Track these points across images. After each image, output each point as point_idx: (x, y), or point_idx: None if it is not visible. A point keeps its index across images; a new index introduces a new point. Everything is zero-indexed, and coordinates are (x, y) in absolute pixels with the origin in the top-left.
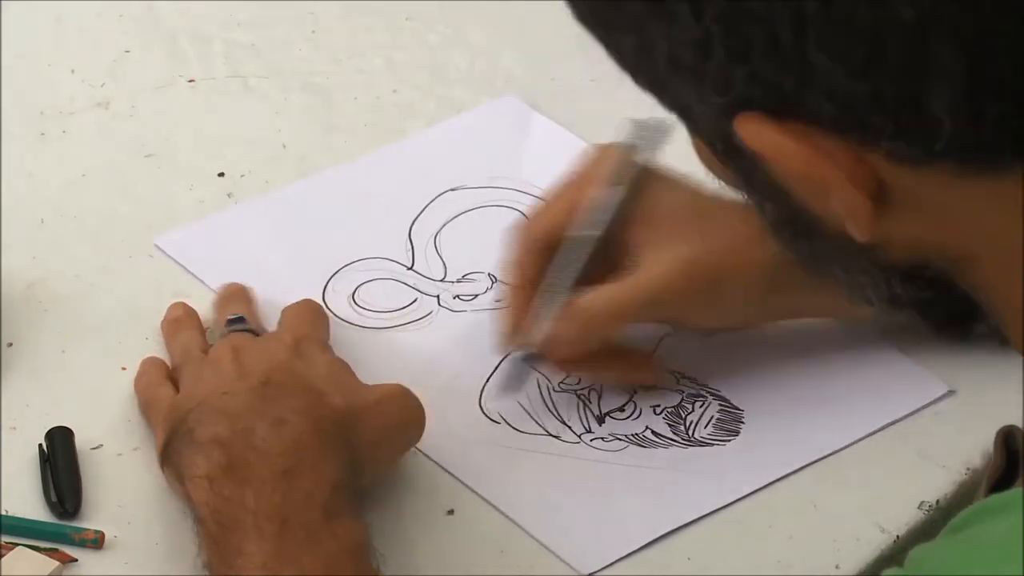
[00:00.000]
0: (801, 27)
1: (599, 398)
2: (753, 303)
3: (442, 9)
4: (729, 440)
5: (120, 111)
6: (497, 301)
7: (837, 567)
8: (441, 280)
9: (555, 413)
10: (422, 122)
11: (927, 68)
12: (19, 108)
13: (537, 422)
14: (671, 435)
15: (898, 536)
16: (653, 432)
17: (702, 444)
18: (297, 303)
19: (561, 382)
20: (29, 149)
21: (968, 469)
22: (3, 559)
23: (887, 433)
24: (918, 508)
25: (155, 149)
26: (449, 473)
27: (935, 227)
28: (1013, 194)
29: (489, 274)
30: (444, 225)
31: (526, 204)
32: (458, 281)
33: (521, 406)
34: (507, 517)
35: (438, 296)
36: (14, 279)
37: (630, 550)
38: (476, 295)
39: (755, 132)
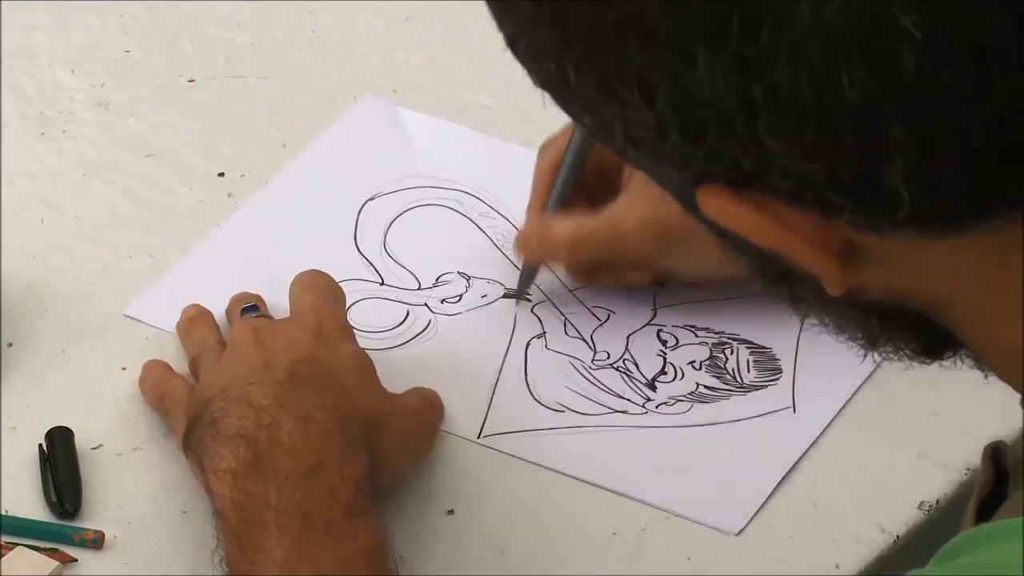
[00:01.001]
0: (751, 112)
1: (636, 367)
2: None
3: (442, 9)
4: (777, 379)
5: (120, 111)
6: (484, 296)
7: (837, 567)
8: (418, 289)
9: (608, 390)
10: None
11: (880, 146)
12: (19, 108)
13: (596, 402)
14: (723, 386)
15: (898, 536)
16: (706, 387)
17: (756, 388)
18: (307, 275)
19: (593, 359)
20: (29, 149)
21: (968, 469)
22: (3, 559)
23: (887, 433)
24: (918, 508)
25: (155, 149)
26: (538, 465)
27: (907, 278)
28: (981, 248)
29: (459, 272)
30: (385, 235)
31: (448, 200)
32: (434, 286)
33: (573, 391)
34: (628, 497)
35: (427, 305)
36: (14, 279)
37: (763, 499)
38: (460, 295)
39: (717, 206)
